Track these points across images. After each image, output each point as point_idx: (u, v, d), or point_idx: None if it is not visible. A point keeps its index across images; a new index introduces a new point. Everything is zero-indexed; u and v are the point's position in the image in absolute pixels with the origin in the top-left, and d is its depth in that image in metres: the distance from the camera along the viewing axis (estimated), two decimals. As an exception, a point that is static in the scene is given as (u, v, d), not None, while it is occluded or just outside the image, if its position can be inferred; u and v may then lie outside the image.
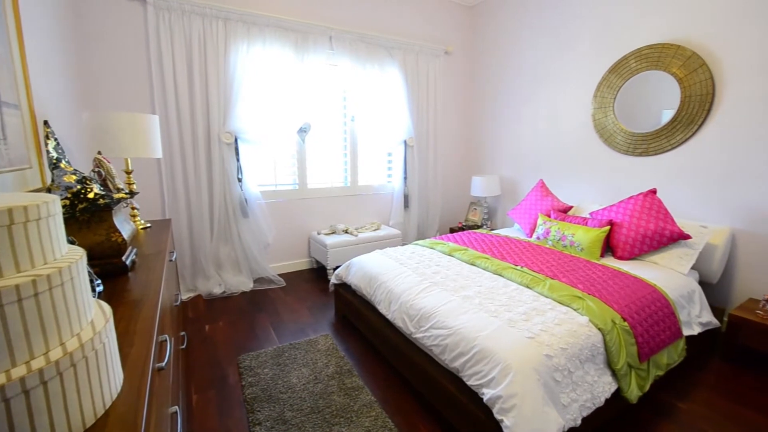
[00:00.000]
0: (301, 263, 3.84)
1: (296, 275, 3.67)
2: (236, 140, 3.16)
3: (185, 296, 3.07)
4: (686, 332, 2.01)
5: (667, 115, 2.74)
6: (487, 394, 1.40)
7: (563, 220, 2.90)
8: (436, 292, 1.98)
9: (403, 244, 3.69)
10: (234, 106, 3.05)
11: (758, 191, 2.38)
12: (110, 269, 1.26)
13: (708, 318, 2.21)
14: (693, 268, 2.45)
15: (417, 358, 1.83)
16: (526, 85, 3.88)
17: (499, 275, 2.20)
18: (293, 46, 3.27)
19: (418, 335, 1.82)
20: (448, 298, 1.91)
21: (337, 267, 2.94)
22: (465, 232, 3.29)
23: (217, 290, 3.13)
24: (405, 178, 4.17)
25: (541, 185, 3.39)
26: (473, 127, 4.64)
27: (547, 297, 1.88)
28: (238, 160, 3.20)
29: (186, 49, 2.89)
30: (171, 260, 1.81)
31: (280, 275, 3.51)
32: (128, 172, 2.04)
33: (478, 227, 4.23)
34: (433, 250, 2.74)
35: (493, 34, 4.21)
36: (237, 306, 2.97)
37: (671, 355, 1.88)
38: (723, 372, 2.13)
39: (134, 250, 1.47)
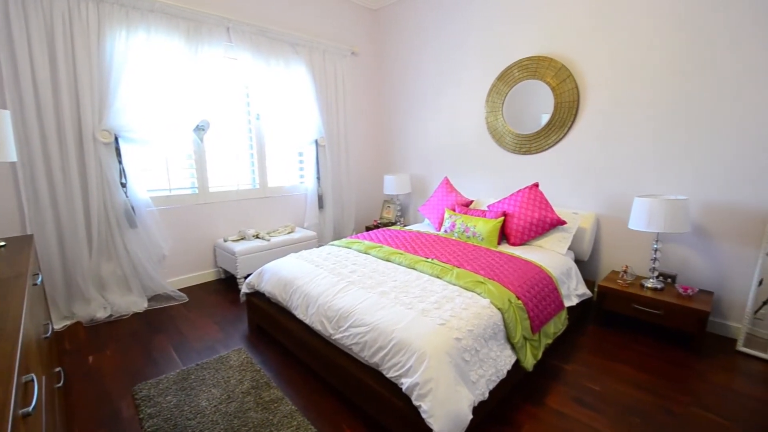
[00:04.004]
0: (206, 275, 3.52)
1: (201, 288, 3.36)
2: (117, 139, 2.75)
3: (59, 325, 2.58)
4: (567, 304, 2.35)
5: (545, 119, 3.16)
6: (405, 383, 1.45)
7: (466, 213, 3.15)
8: (354, 291, 1.99)
9: (320, 246, 3.63)
10: (112, 101, 2.66)
11: (612, 182, 2.89)
12: (-58, 302, 1.00)
13: (583, 290, 2.61)
14: (569, 248, 2.87)
15: (338, 359, 1.82)
16: (428, 87, 4.12)
17: (413, 269, 2.30)
18: (184, 36, 2.97)
19: (337, 336, 1.81)
20: (365, 295, 1.93)
21: (249, 275, 2.76)
22: (380, 229, 3.37)
23: (102, 314, 2.70)
24: (318, 178, 4.11)
25: (446, 182, 3.64)
26: (383, 127, 4.78)
27: (455, 285, 2.03)
28: (120, 162, 2.79)
29: (47, 34, 2.43)
30: (36, 284, 1.51)
31: (181, 290, 3.18)
32: (-34, 180, 1.64)
33: (393, 224, 4.38)
34: (350, 250, 2.75)
35: (396, 38, 4.38)
36: (128, 330, 2.60)
37: (557, 325, 2.18)
38: (596, 335, 2.53)
39: (-21, 276, 1.18)
